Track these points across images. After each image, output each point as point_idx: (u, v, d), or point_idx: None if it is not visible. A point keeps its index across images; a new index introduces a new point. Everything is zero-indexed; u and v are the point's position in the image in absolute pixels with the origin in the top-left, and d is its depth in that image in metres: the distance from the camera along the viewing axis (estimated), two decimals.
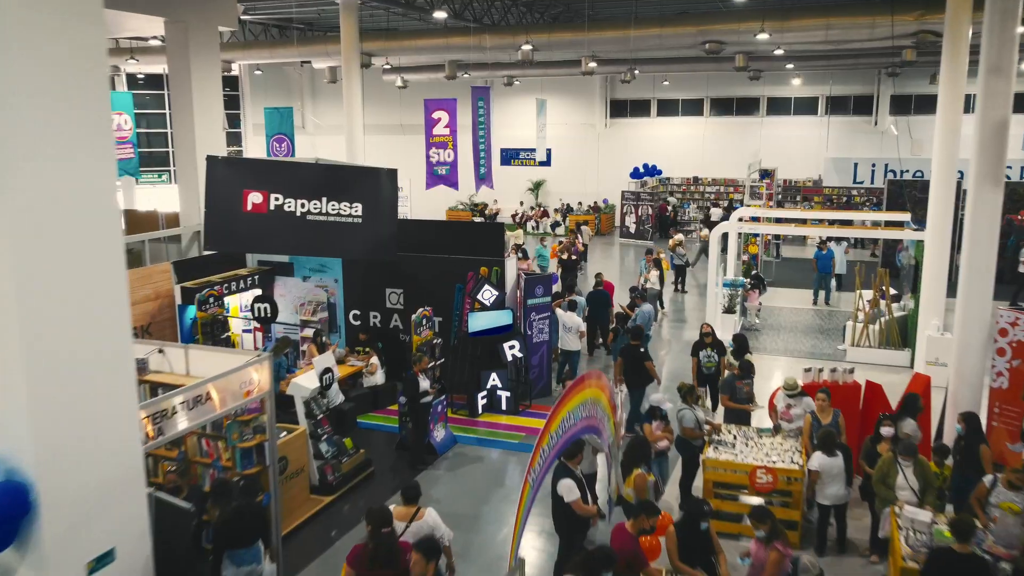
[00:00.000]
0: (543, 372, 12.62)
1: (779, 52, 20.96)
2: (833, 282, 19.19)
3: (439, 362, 11.54)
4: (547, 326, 12.52)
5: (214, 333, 11.71)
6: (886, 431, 7.75)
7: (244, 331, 13.34)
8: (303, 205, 9.42)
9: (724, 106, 32.88)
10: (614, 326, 12.97)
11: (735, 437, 8.74)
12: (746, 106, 32.55)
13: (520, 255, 16.54)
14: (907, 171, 29.62)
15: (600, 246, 29.19)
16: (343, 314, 13.29)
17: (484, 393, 11.81)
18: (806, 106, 31.77)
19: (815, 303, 19.20)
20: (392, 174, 9.82)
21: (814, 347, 15.53)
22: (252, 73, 30.06)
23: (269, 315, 10.74)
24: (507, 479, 9.89)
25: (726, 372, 10.37)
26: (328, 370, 9.24)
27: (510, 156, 32.85)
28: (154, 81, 29.74)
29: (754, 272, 18.01)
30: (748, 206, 20.99)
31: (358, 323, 13.19)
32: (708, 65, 28.20)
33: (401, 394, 10.23)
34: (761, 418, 9.98)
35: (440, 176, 16.37)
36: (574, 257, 19.01)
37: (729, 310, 15.74)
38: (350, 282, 13.15)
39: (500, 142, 33.06)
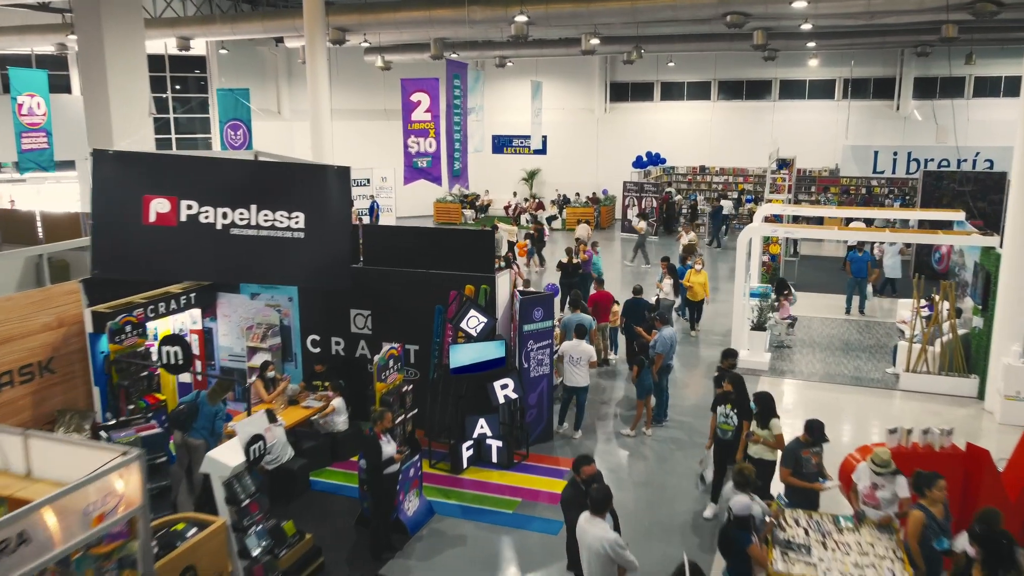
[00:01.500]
0: (543, 413, 10.32)
1: (807, 27, 18.56)
2: (869, 288, 16.92)
3: (410, 414, 9.21)
4: (547, 356, 10.22)
5: (132, 371, 9.35)
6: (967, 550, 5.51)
7: None
8: (225, 216, 7.06)
9: (733, 89, 30.50)
10: (638, 357, 10.59)
11: (807, 531, 6.46)
12: (757, 89, 30.18)
13: (503, 263, 14.15)
14: (931, 160, 27.43)
15: (599, 241, 26.79)
16: (299, 340, 10.95)
17: (470, 443, 9.52)
18: (822, 89, 29.43)
19: (848, 312, 16.95)
20: (343, 174, 7.46)
21: (858, 370, 13.27)
22: (219, 52, 27.52)
23: (180, 362, 8.37)
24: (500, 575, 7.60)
25: (750, 443, 7.90)
26: (258, 438, 6.92)
27: (503, 143, 30.40)
28: None
29: (781, 278, 15.68)
30: (769, 201, 18.65)
31: (317, 350, 10.87)
32: (718, 44, 25.81)
33: (361, 456, 7.93)
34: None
35: (420, 169, 13.99)
36: (576, 261, 16.65)
37: (759, 326, 13.44)
38: (307, 301, 10.81)
39: (492, 128, 30.58)
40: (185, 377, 10.92)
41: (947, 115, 27.95)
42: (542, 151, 28.57)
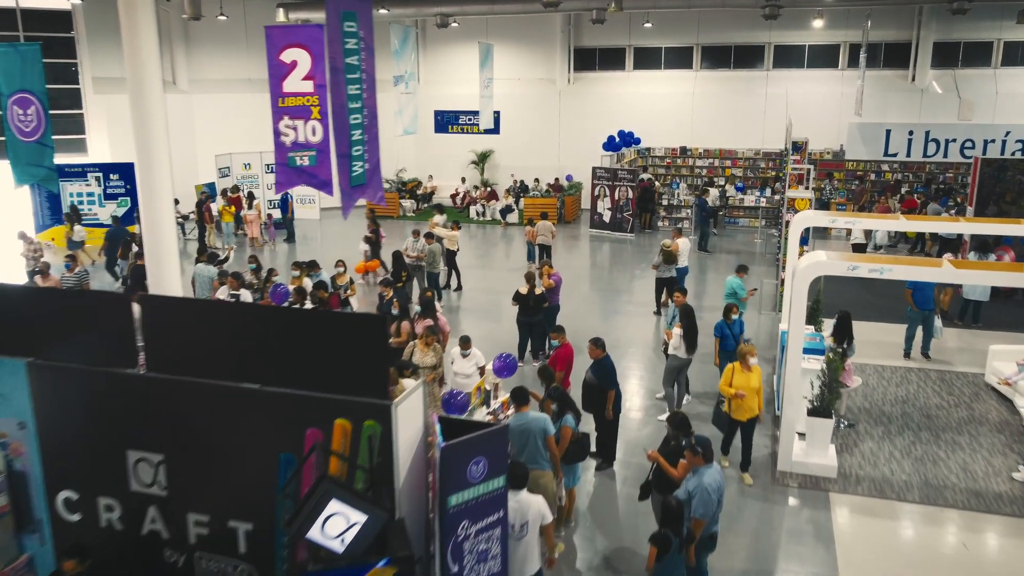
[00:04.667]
0: None
1: None
2: (937, 322, 12.47)
3: None
4: (497, 543, 5.44)
5: None
6: None
7: None
8: None
9: (719, 57, 25.80)
10: (661, 534, 5.76)
11: None
12: (747, 57, 25.53)
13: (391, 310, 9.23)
14: (954, 140, 23.24)
15: (562, 241, 22.08)
16: (45, 501, 5.99)
17: None
18: (824, 57, 24.91)
19: (907, 355, 12.53)
20: None
21: (967, 473, 8.79)
22: (75, 3, 21.78)
23: None
24: None
25: None
26: None
27: (447, 121, 25.31)
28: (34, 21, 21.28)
29: (844, 311, 10.86)
30: (794, 203, 14.01)
31: (76, 518, 5.92)
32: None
33: None
34: None
35: (300, 169, 8.95)
36: (539, 291, 11.82)
37: (821, 410, 8.79)
38: (53, 432, 5.85)
39: (433, 103, 25.53)
40: None
41: (972, 87, 23.81)
42: (494, 130, 23.63)
